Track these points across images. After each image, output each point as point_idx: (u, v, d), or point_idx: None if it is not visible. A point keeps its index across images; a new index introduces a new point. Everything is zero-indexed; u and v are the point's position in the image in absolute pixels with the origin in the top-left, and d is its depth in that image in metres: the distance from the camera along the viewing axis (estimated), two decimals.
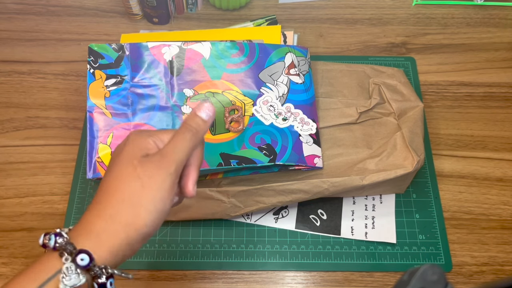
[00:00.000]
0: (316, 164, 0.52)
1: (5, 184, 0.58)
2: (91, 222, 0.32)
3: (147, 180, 0.32)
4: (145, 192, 0.32)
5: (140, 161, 0.33)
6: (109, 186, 0.33)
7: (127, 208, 0.32)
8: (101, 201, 0.33)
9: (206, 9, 0.74)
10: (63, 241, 0.31)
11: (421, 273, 0.29)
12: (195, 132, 0.35)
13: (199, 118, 0.36)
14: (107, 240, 0.31)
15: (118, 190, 0.33)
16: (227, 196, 0.52)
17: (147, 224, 0.32)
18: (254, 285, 0.52)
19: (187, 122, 0.36)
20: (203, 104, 0.36)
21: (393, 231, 0.55)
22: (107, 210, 0.32)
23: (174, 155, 0.34)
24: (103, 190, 0.33)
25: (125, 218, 0.32)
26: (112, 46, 0.54)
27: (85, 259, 0.30)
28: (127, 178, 0.33)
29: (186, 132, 0.35)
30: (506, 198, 0.58)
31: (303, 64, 0.57)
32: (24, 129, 0.62)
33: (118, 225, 0.32)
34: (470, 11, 0.74)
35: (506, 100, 0.65)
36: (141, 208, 0.32)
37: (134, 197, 0.32)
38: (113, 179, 0.33)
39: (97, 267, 0.31)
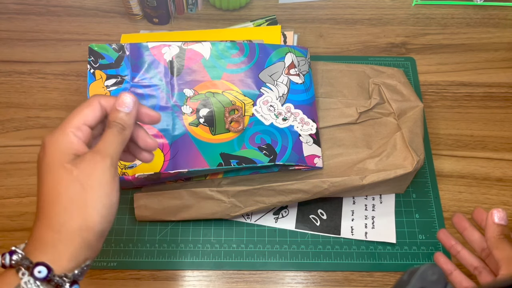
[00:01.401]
0: (316, 164, 0.52)
1: (5, 184, 0.58)
2: (43, 234, 0.32)
3: (86, 180, 0.32)
4: (88, 192, 0.32)
5: (73, 163, 0.33)
6: (49, 195, 0.33)
7: (74, 212, 0.32)
8: (45, 212, 0.32)
9: (206, 9, 0.74)
10: (18, 257, 0.31)
11: (421, 273, 0.29)
12: (121, 126, 0.35)
13: (122, 113, 0.36)
14: (64, 249, 0.31)
15: (59, 197, 0.32)
16: (227, 196, 0.52)
17: (100, 221, 0.32)
18: (254, 285, 0.52)
19: (111, 119, 0.36)
20: (121, 98, 0.36)
21: (393, 231, 0.55)
22: (55, 219, 0.32)
23: (106, 150, 0.34)
24: (44, 200, 0.33)
25: (76, 223, 0.32)
26: (112, 46, 0.54)
27: (42, 271, 0.30)
28: (65, 184, 0.32)
29: (113, 128, 0.35)
30: (506, 198, 0.58)
31: (303, 64, 0.57)
32: (24, 129, 0.62)
33: (71, 232, 0.32)
34: (470, 11, 0.74)
35: (506, 100, 0.65)
36: (88, 209, 0.32)
37: (78, 200, 0.32)
38: (51, 188, 0.33)
39: (57, 276, 0.30)
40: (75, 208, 0.32)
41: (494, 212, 0.40)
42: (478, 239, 0.43)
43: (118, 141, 0.35)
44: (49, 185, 0.33)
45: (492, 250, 0.39)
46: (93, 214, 0.32)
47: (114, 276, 0.53)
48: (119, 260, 0.53)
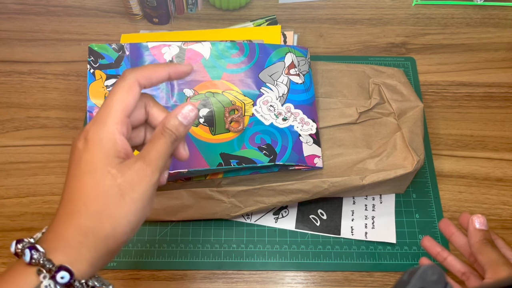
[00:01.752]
0: (316, 164, 0.52)
1: (5, 184, 0.58)
2: (67, 234, 0.30)
3: (128, 191, 0.31)
4: (126, 203, 0.31)
5: (119, 169, 0.31)
6: (84, 196, 0.31)
7: (107, 220, 0.31)
8: (76, 211, 0.31)
9: (206, 9, 0.74)
10: (39, 256, 0.29)
11: (421, 273, 0.29)
12: (175, 138, 0.33)
13: (180, 124, 0.33)
14: (87, 255, 0.30)
15: (96, 201, 0.31)
16: (227, 196, 0.52)
17: (127, 233, 0.31)
18: (254, 285, 0.52)
19: (166, 125, 0.33)
20: (185, 107, 0.34)
21: (393, 231, 0.55)
22: (84, 222, 0.30)
23: (157, 163, 0.32)
24: (74, 199, 0.31)
25: (105, 231, 0.30)
26: (112, 46, 0.54)
27: (65, 276, 0.29)
28: (106, 189, 0.31)
29: (166, 137, 0.33)
30: (506, 198, 0.58)
31: (303, 64, 0.57)
32: (24, 129, 0.62)
33: (98, 238, 0.30)
34: (470, 11, 0.74)
35: (506, 100, 0.65)
36: (121, 219, 0.31)
37: (114, 208, 0.31)
38: (89, 189, 0.31)
39: (77, 282, 0.29)
40: (109, 215, 0.31)
41: (475, 219, 0.41)
42: (465, 244, 0.44)
43: (168, 153, 0.33)
44: (87, 185, 0.31)
45: (476, 255, 0.40)
46: (125, 225, 0.31)
47: (114, 276, 0.53)
48: (119, 260, 0.53)
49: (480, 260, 0.39)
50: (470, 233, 0.41)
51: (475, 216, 0.41)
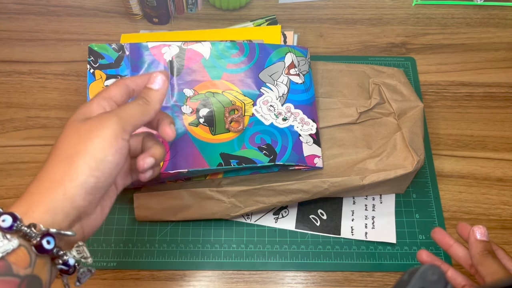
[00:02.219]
0: (316, 164, 0.52)
1: (5, 184, 0.58)
2: (29, 187, 0.31)
3: (85, 133, 0.32)
4: (83, 143, 0.32)
5: (82, 121, 0.33)
6: (52, 153, 0.33)
7: (63, 162, 0.31)
8: (43, 167, 0.32)
9: (206, 9, 0.74)
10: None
11: (421, 273, 0.29)
12: (145, 100, 0.36)
13: (150, 89, 0.37)
14: (40, 199, 0.30)
15: (57, 151, 0.32)
16: (227, 196, 0.52)
17: (85, 173, 0.31)
18: (254, 285, 0.52)
19: (139, 94, 0.37)
20: (152, 76, 0.37)
21: (393, 231, 0.55)
22: (44, 171, 0.32)
23: (117, 111, 0.34)
24: (47, 158, 0.33)
25: (60, 172, 0.31)
26: (112, 46, 0.54)
27: (6, 219, 0.28)
28: (68, 139, 0.32)
29: (136, 99, 0.36)
30: (506, 198, 0.58)
31: (303, 64, 0.57)
32: (24, 129, 0.62)
33: (53, 180, 0.31)
34: (470, 11, 0.74)
35: (506, 100, 0.65)
36: (75, 158, 0.31)
37: (71, 150, 0.32)
38: (56, 145, 0.33)
39: (24, 226, 0.28)
40: (65, 157, 0.31)
41: (475, 230, 0.41)
42: (464, 256, 0.43)
43: (136, 109, 0.35)
44: (57, 143, 0.33)
45: (477, 266, 0.40)
46: (79, 164, 0.31)
47: (114, 276, 0.53)
48: (119, 260, 0.53)
49: (481, 271, 0.39)
50: (471, 244, 0.41)
51: (475, 227, 0.41)
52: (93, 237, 0.54)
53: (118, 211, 0.56)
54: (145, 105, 0.36)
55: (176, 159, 0.52)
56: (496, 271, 0.38)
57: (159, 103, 0.37)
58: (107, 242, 0.54)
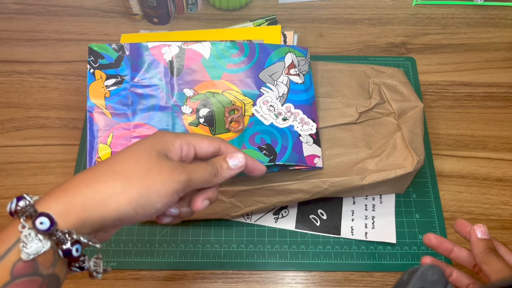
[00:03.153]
0: (316, 164, 0.52)
1: (5, 184, 0.58)
2: (71, 182, 0.31)
3: (154, 172, 0.32)
4: (147, 179, 0.31)
5: (158, 155, 0.33)
6: (113, 161, 0.32)
7: (119, 183, 0.31)
8: (97, 169, 0.32)
9: (206, 9, 0.74)
10: (24, 204, 0.29)
11: (421, 273, 0.29)
12: (216, 172, 0.36)
13: (226, 163, 0.37)
14: (81, 205, 0.30)
15: (120, 165, 0.32)
16: (227, 196, 0.52)
17: (129, 204, 0.31)
18: (254, 285, 0.52)
19: (215, 160, 0.37)
20: (236, 155, 0.38)
21: (393, 231, 0.55)
22: (97, 176, 0.31)
23: (190, 172, 0.34)
24: (105, 162, 0.32)
25: (110, 192, 0.30)
26: (112, 46, 0.54)
27: (44, 222, 0.28)
28: (137, 162, 0.32)
29: (209, 166, 0.36)
30: (506, 198, 0.58)
31: (303, 64, 0.57)
32: (24, 129, 0.62)
33: (99, 195, 0.30)
34: (470, 11, 0.74)
35: (506, 100, 0.65)
36: (132, 186, 0.31)
37: (133, 176, 0.31)
38: (123, 158, 0.33)
39: (60, 231, 0.28)
40: (124, 179, 0.31)
41: (476, 228, 0.41)
42: (467, 257, 0.43)
43: (204, 176, 0.35)
44: (124, 155, 0.33)
45: (481, 265, 0.40)
46: (131, 194, 0.31)
47: (114, 276, 0.53)
48: (119, 260, 0.53)
49: (485, 269, 0.39)
50: (473, 243, 0.41)
51: (476, 226, 0.41)
52: None
53: None
54: (214, 176, 0.36)
55: None
56: (500, 269, 0.38)
57: (224, 180, 0.37)
58: (107, 242, 0.54)
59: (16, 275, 0.28)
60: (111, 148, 0.51)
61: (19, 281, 0.28)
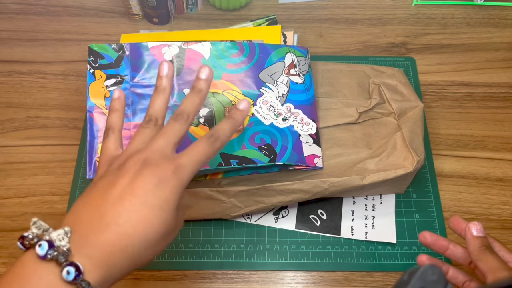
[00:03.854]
0: (316, 164, 0.52)
1: (5, 184, 0.58)
2: (102, 233, 0.30)
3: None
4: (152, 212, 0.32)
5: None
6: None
7: (138, 209, 0.31)
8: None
9: (206, 9, 0.74)
10: (54, 251, 0.28)
11: (421, 273, 0.29)
12: (214, 137, 0.37)
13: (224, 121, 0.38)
14: (103, 256, 0.30)
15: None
16: (227, 196, 0.52)
17: (152, 225, 0.32)
18: (254, 285, 0.52)
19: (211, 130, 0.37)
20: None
21: (393, 231, 0.55)
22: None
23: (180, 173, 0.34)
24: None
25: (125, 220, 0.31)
26: (112, 46, 0.54)
27: (71, 272, 0.28)
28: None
29: (202, 139, 0.36)
30: (506, 198, 0.58)
31: (303, 64, 0.57)
32: (24, 129, 0.62)
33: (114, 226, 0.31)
34: (470, 11, 0.74)
35: (506, 100, 0.65)
36: (152, 210, 0.32)
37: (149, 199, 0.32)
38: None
39: (84, 282, 0.28)
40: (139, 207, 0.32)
41: (471, 226, 0.41)
42: (462, 255, 0.44)
43: (200, 158, 0.36)
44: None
45: (477, 263, 0.40)
46: (149, 216, 0.32)
47: None
48: None
49: (481, 267, 0.39)
50: (468, 241, 0.41)
51: (471, 224, 0.41)
52: None
53: None
54: (214, 142, 0.36)
55: None
56: (495, 266, 0.38)
57: (228, 136, 0.38)
58: None
59: None
60: None
61: None
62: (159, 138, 0.36)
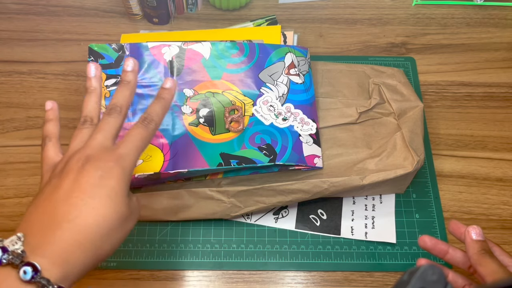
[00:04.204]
0: (316, 164, 0.52)
1: (5, 184, 0.58)
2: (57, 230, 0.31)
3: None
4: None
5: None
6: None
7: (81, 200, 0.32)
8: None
9: (206, 9, 0.74)
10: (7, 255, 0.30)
11: (421, 273, 0.29)
12: (148, 119, 0.39)
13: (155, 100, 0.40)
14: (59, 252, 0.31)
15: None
16: (227, 196, 0.52)
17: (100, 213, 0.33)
18: (254, 285, 0.52)
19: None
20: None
21: (393, 231, 0.55)
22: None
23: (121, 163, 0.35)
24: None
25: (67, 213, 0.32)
26: (112, 46, 0.54)
27: (28, 272, 0.29)
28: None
29: (137, 125, 0.38)
30: (506, 198, 0.58)
31: (303, 64, 0.57)
32: (24, 129, 0.62)
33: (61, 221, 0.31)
34: (470, 11, 0.74)
35: (506, 100, 0.65)
36: (100, 201, 0.33)
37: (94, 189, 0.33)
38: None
39: (43, 279, 0.29)
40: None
41: (471, 230, 0.41)
42: (461, 259, 0.43)
43: (141, 140, 0.38)
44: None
45: (476, 267, 0.40)
46: (93, 205, 0.33)
47: (114, 276, 0.53)
48: (119, 260, 0.53)
49: (480, 271, 0.39)
50: (467, 245, 0.41)
51: (470, 228, 0.41)
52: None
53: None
54: (148, 124, 0.38)
55: (176, 159, 0.52)
56: (495, 270, 0.38)
57: (162, 115, 0.40)
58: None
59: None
60: None
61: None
62: (97, 134, 0.37)
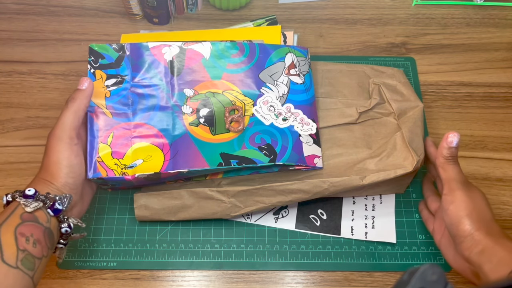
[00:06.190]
0: (316, 164, 0.52)
1: (5, 184, 0.58)
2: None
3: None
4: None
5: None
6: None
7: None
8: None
9: (206, 9, 0.74)
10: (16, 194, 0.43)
11: (421, 273, 0.29)
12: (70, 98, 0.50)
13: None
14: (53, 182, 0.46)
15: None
16: (227, 196, 0.52)
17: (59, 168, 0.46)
18: (254, 285, 0.53)
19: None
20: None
21: (393, 231, 0.55)
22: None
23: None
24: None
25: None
26: (112, 46, 0.54)
27: (31, 190, 0.43)
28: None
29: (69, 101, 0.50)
30: (506, 198, 0.58)
31: (303, 64, 0.57)
32: (24, 129, 0.62)
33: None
34: (470, 11, 0.74)
35: (506, 100, 0.65)
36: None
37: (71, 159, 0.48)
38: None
39: (41, 195, 0.42)
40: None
41: (450, 135, 0.44)
42: (432, 154, 0.51)
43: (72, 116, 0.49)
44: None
45: (439, 170, 0.44)
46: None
47: (114, 276, 0.53)
48: (119, 260, 0.53)
49: (442, 175, 0.43)
50: (440, 147, 0.44)
51: (451, 133, 0.44)
52: (93, 237, 0.54)
53: (118, 211, 0.56)
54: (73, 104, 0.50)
55: (176, 159, 0.52)
56: (452, 177, 0.43)
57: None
58: (107, 242, 0.54)
59: (25, 219, 0.41)
60: (111, 148, 0.51)
61: (27, 223, 0.41)
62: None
